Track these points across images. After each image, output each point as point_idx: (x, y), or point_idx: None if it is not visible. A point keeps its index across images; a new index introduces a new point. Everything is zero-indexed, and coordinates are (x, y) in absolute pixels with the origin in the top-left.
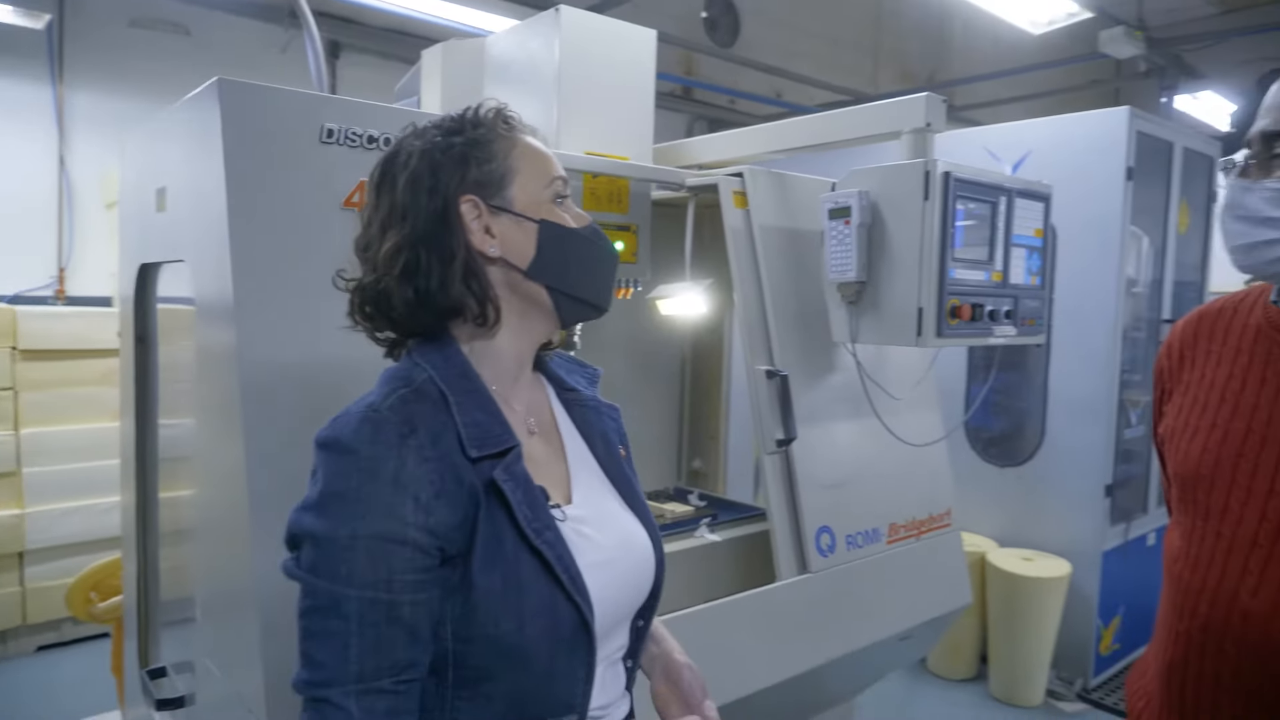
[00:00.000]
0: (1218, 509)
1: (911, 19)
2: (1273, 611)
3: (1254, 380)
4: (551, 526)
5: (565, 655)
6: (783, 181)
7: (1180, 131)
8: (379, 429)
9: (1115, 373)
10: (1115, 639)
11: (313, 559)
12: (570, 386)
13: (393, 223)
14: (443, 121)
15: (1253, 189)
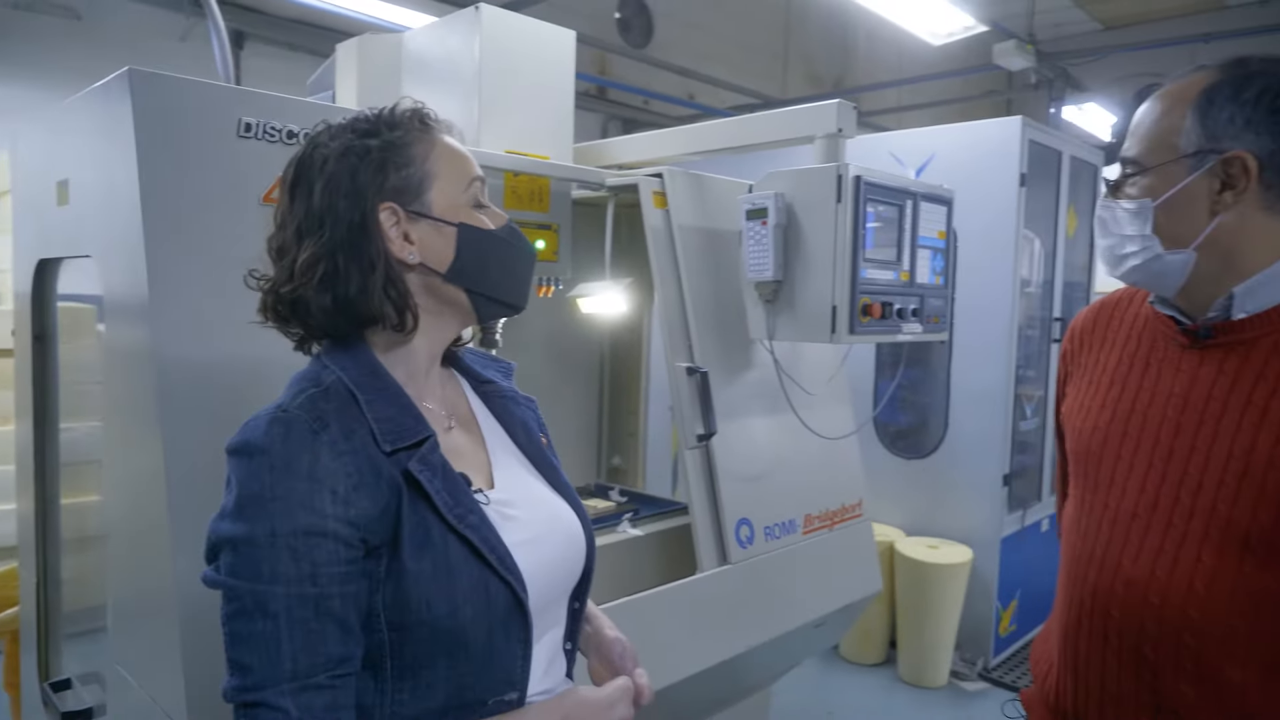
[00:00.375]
0: (1105, 483)
1: (818, 26)
2: (1149, 577)
3: (1139, 365)
4: (475, 510)
5: (502, 634)
6: (701, 182)
7: (1068, 141)
8: (289, 427)
9: (1011, 368)
10: (1013, 620)
11: (233, 563)
12: (486, 379)
13: (309, 230)
14: (357, 122)
15: (1108, 206)
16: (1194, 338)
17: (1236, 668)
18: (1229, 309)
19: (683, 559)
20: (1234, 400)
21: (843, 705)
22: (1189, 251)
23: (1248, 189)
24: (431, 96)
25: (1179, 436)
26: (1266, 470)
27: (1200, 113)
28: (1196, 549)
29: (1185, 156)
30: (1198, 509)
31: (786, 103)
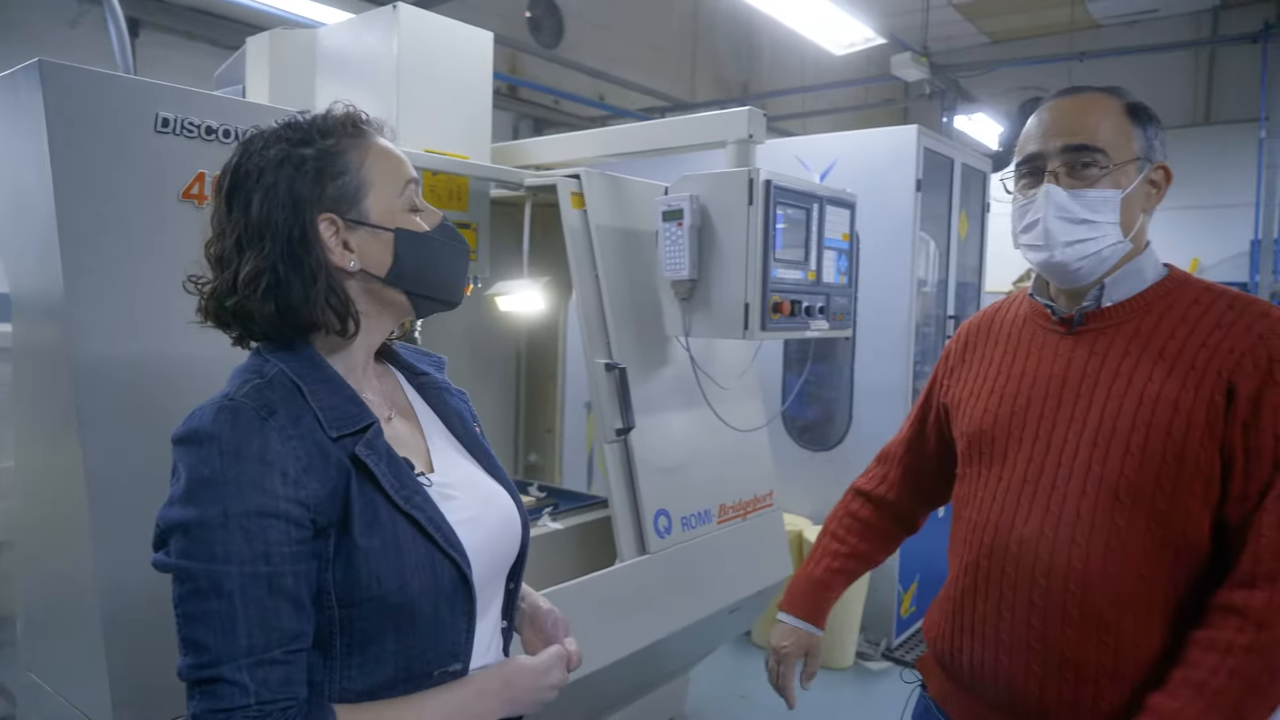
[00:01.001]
0: (999, 459)
1: (725, 32)
2: (1038, 535)
3: (1022, 355)
4: (419, 492)
5: (448, 608)
6: (617, 184)
7: (959, 149)
8: (237, 414)
9: (910, 364)
10: (913, 602)
11: (185, 546)
12: (421, 371)
13: (250, 242)
14: (290, 129)
15: (1077, 195)
16: (1069, 325)
17: (1112, 609)
18: (1100, 298)
19: (602, 551)
20: (1104, 375)
21: (756, 688)
22: (1129, 242)
23: (1161, 195)
24: (348, 94)
25: (1060, 410)
26: (1131, 430)
27: (1138, 124)
28: (1076, 505)
29: (1137, 159)
30: (1076, 470)
31: (695, 106)
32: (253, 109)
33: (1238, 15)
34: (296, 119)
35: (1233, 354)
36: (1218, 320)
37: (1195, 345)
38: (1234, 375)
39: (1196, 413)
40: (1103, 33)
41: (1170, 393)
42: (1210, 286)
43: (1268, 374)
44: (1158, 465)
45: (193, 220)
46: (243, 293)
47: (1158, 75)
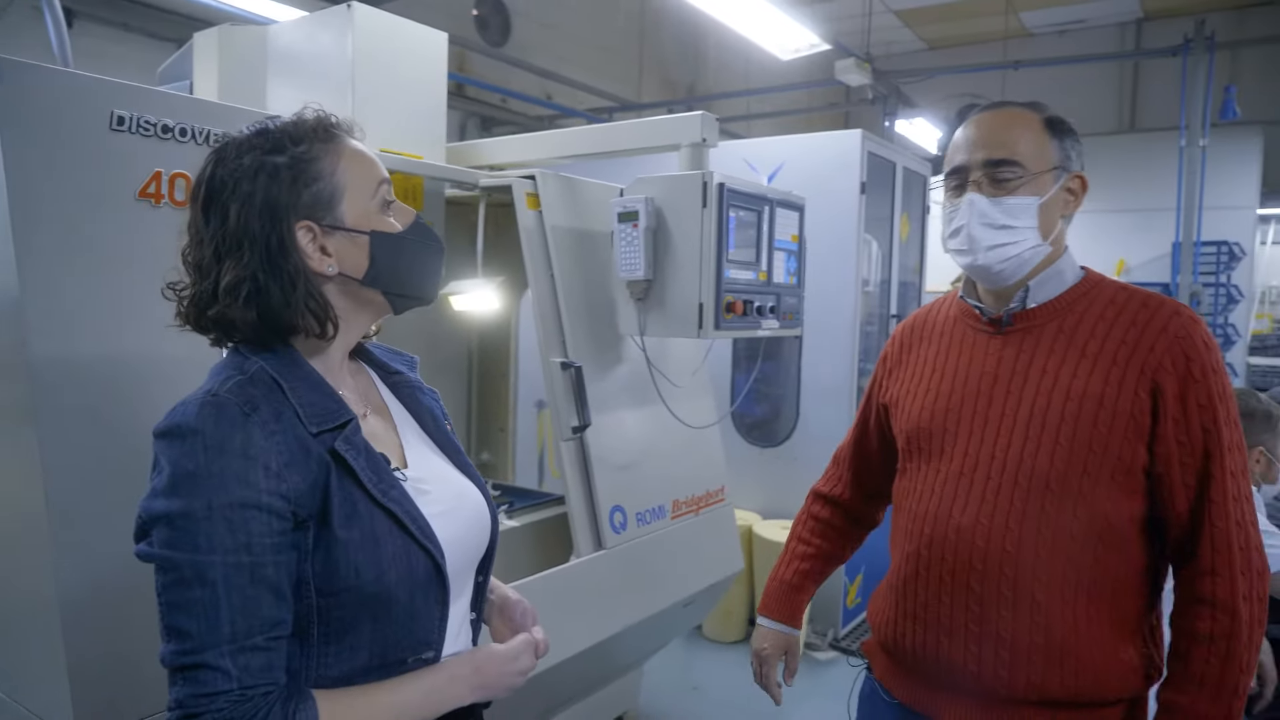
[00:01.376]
0: (936, 453)
1: (672, 33)
2: (975, 523)
3: (955, 355)
4: (396, 486)
5: (422, 597)
6: (572, 185)
7: (901, 153)
8: (221, 410)
9: (855, 362)
10: (859, 593)
11: (169, 537)
12: (395, 370)
13: (228, 251)
14: (261, 139)
15: (998, 203)
16: (997, 326)
17: (1042, 590)
18: (1025, 300)
19: (557, 548)
20: (1032, 372)
21: (707, 680)
22: (1049, 245)
23: (1079, 203)
24: (301, 92)
25: (992, 406)
26: (1059, 424)
27: (1056, 137)
28: (1009, 495)
29: (1054, 169)
30: (1009, 462)
31: (642, 106)
32: (210, 108)
33: (1160, 27)
34: (267, 126)
35: (1153, 353)
36: (1133, 319)
37: (1115, 343)
38: (1157, 375)
39: (1121, 406)
40: (1035, 41)
41: (1094, 388)
42: (1124, 287)
43: (1186, 373)
44: (1084, 456)
45: (150, 219)
46: (223, 301)
47: (1087, 84)
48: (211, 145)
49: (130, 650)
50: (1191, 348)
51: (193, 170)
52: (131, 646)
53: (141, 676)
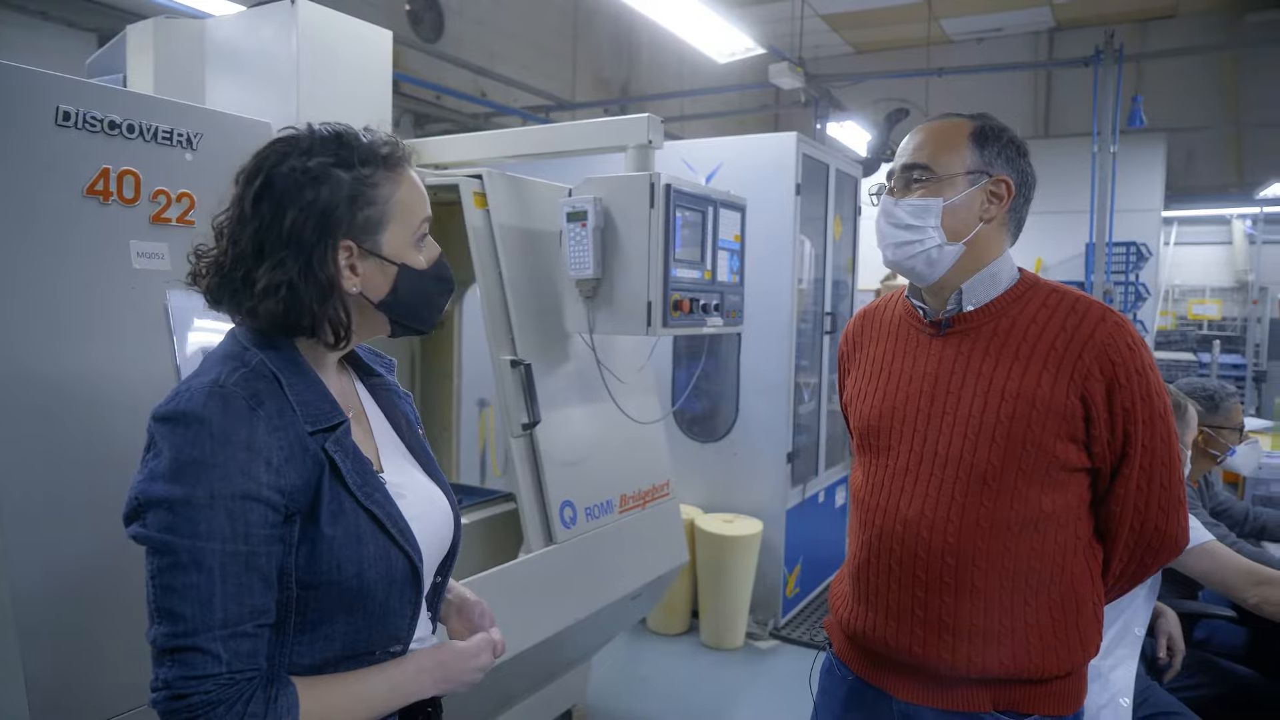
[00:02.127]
0: (884, 449)
1: (606, 32)
2: (920, 515)
3: (899, 355)
4: (380, 489)
5: (397, 596)
6: (519, 184)
7: (833, 155)
8: (228, 401)
9: (792, 358)
10: (797, 583)
11: (169, 521)
12: (376, 373)
13: (273, 249)
14: (334, 145)
15: (900, 204)
16: (937, 329)
17: (981, 577)
18: (960, 302)
19: (504, 545)
20: (969, 374)
21: (653, 672)
22: (960, 245)
23: (1005, 205)
24: (243, 88)
25: (934, 405)
26: (995, 424)
27: (978, 144)
28: (951, 490)
29: (969, 173)
30: (950, 458)
31: (577, 106)
32: (158, 104)
33: (1071, 36)
34: (342, 134)
35: (1081, 359)
36: (1062, 324)
37: (1046, 346)
38: (1085, 383)
39: (1053, 407)
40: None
41: (1028, 389)
42: (1056, 289)
43: (1113, 377)
44: (1019, 454)
45: (97, 217)
46: (259, 299)
47: (1004, 91)
48: (160, 142)
49: (88, 653)
50: (1117, 352)
51: (142, 167)
52: (89, 649)
53: (100, 679)
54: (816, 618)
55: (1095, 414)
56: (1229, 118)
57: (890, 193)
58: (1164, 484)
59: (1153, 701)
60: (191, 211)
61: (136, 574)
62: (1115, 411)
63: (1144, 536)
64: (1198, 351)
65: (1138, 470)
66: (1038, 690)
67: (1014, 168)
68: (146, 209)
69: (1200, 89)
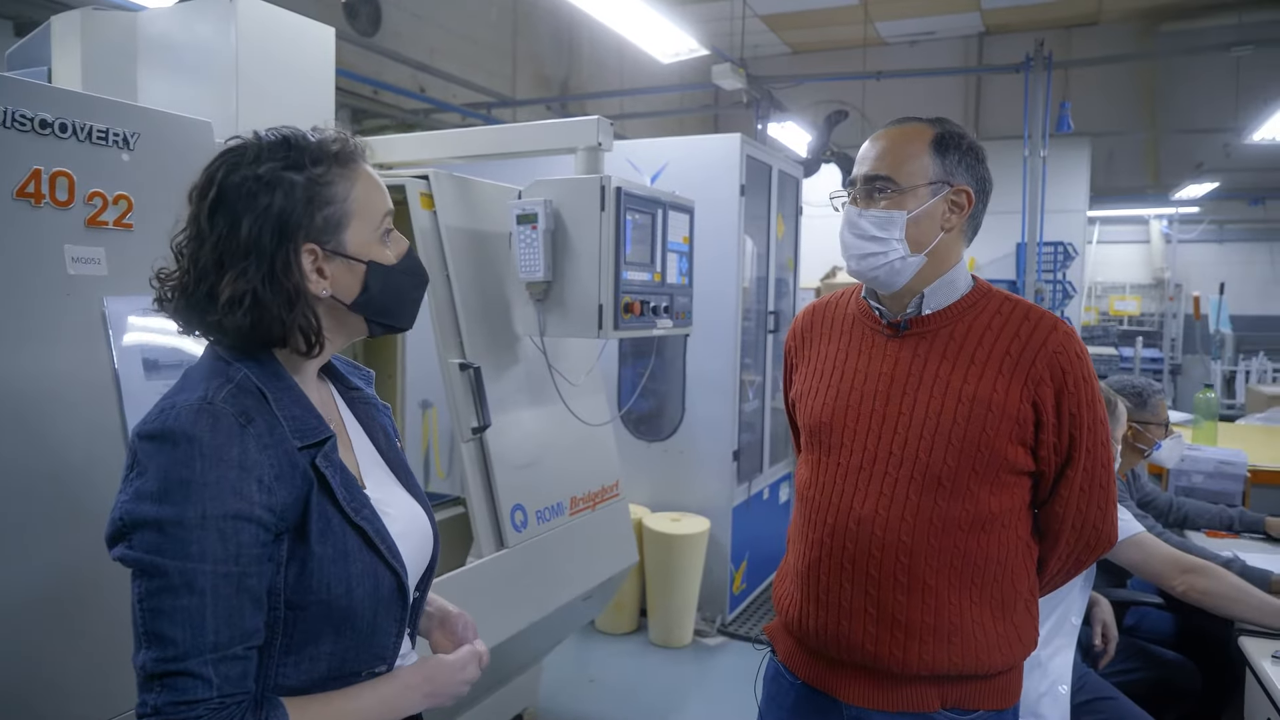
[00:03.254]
0: (836, 447)
1: (546, 28)
2: (874, 514)
3: (854, 353)
4: (367, 505)
5: (384, 614)
6: (467, 186)
7: (776, 156)
8: (218, 419)
9: (737, 357)
10: (744, 580)
11: (158, 543)
12: (354, 385)
13: (233, 260)
14: (282, 149)
15: (864, 215)
16: (895, 329)
17: (933, 575)
18: (920, 306)
19: (453, 549)
20: (925, 376)
21: (603, 672)
22: (923, 256)
23: (966, 214)
24: (179, 85)
25: (889, 405)
26: (950, 426)
27: (939, 152)
28: (905, 489)
29: (931, 183)
30: (905, 458)
31: (518, 103)
32: (94, 102)
33: (1000, 41)
34: (289, 137)
35: (1034, 365)
36: (1016, 331)
37: (1000, 352)
38: (1038, 385)
39: (1006, 411)
40: (890, 49)
41: (982, 393)
42: (1009, 297)
43: (1062, 384)
44: (972, 456)
45: (29, 221)
46: (223, 312)
47: (936, 93)
48: (95, 142)
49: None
50: (1067, 360)
51: (76, 169)
52: (47, 666)
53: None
54: (763, 613)
55: (1045, 419)
56: (1146, 123)
57: (853, 202)
58: (1102, 484)
59: (1089, 687)
60: (129, 214)
61: (79, 590)
62: (1063, 417)
63: (1083, 535)
64: (1119, 346)
65: (1081, 474)
66: (982, 686)
67: (974, 175)
68: (81, 212)
69: (1120, 95)
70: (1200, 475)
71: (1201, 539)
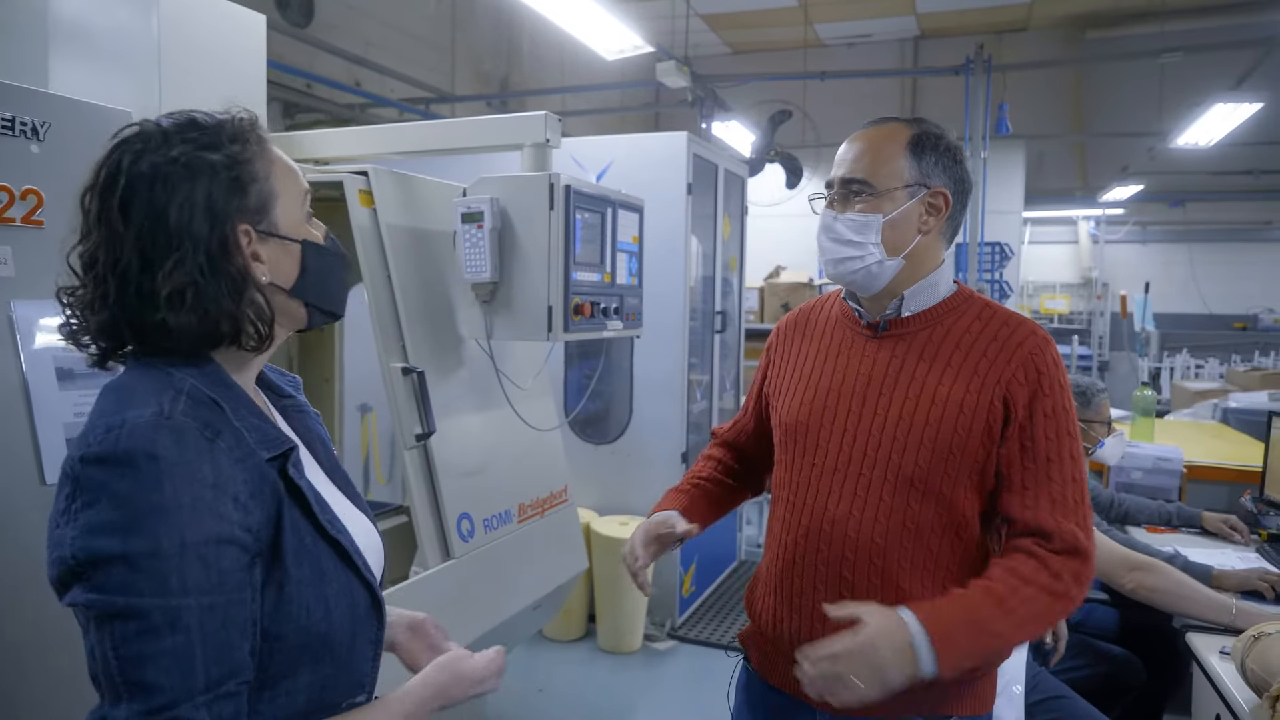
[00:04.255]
0: (812, 447)
1: (485, 24)
2: (848, 515)
3: (834, 354)
4: (337, 518)
5: (361, 635)
6: (408, 182)
7: (722, 155)
8: (181, 435)
9: (685, 357)
10: (693, 582)
11: (130, 580)
12: (288, 394)
13: (162, 254)
14: (192, 130)
15: (840, 219)
16: (874, 330)
17: (906, 578)
18: (900, 308)
19: (397, 560)
20: (902, 377)
21: (551, 681)
22: (900, 259)
23: (943, 217)
24: (95, 74)
25: (865, 406)
26: (924, 427)
27: (915, 154)
28: (879, 491)
29: (907, 186)
30: (879, 460)
31: (457, 99)
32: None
33: (935, 44)
34: (197, 118)
35: (1009, 367)
36: (994, 335)
37: (977, 355)
38: (1010, 387)
39: (979, 414)
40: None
41: (957, 395)
42: (989, 304)
43: (1036, 386)
44: (945, 457)
45: None
46: (165, 309)
47: (874, 94)
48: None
49: None
50: (1043, 364)
51: None
52: None
53: None
54: (713, 615)
55: (1014, 416)
56: (1074, 127)
57: (830, 205)
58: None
59: (1042, 687)
60: (40, 210)
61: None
62: (1036, 418)
63: None
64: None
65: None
66: (957, 691)
67: (951, 176)
68: None
69: (1050, 99)
70: (1139, 472)
71: (1142, 534)
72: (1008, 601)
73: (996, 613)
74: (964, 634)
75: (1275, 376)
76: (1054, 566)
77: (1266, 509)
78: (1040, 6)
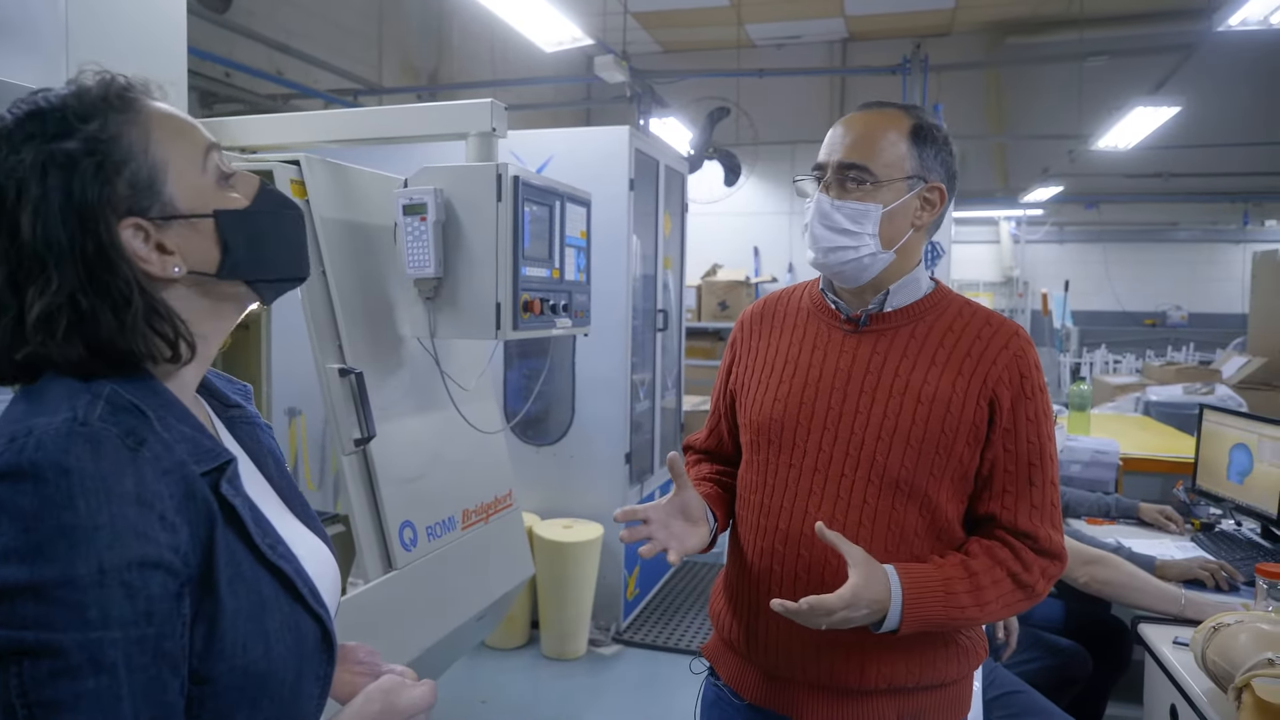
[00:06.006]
0: (788, 446)
1: (413, 15)
2: (830, 518)
3: (809, 348)
4: (281, 540)
5: (308, 674)
6: (343, 173)
7: (663, 151)
8: (99, 444)
9: (628, 356)
10: (637, 585)
11: (39, 613)
12: (234, 403)
13: (28, 276)
14: (35, 122)
15: (837, 206)
16: (855, 324)
17: None
18: (884, 303)
19: None
20: (885, 373)
21: (494, 691)
22: (893, 253)
23: (936, 212)
24: None
25: (845, 403)
26: (910, 426)
27: (916, 145)
28: (862, 492)
29: (908, 178)
30: (862, 460)
31: (385, 90)
32: None
33: (862, 47)
34: (38, 104)
35: (994, 367)
36: (977, 334)
37: (961, 354)
38: (995, 389)
39: (965, 414)
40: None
41: (942, 394)
42: (968, 302)
43: (1020, 389)
44: (930, 458)
45: None
46: (35, 340)
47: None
48: None
49: None
50: (1026, 367)
51: None
52: None
53: None
54: (657, 618)
55: (998, 419)
56: (995, 129)
57: (825, 190)
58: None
59: (999, 682)
60: None
61: None
62: (1020, 421)
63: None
64: None
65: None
66: (938, 696)
67: (947, 171)
68: None
69: (973, 101)
70: (1077, 465)
71: (1083, 526)
72: (979, 580)
73: (968, 590)
74: (934, 605)
75: (1189, 371)
76: (1026, 559)
77: (1199, 499)
78: (964, 12)
